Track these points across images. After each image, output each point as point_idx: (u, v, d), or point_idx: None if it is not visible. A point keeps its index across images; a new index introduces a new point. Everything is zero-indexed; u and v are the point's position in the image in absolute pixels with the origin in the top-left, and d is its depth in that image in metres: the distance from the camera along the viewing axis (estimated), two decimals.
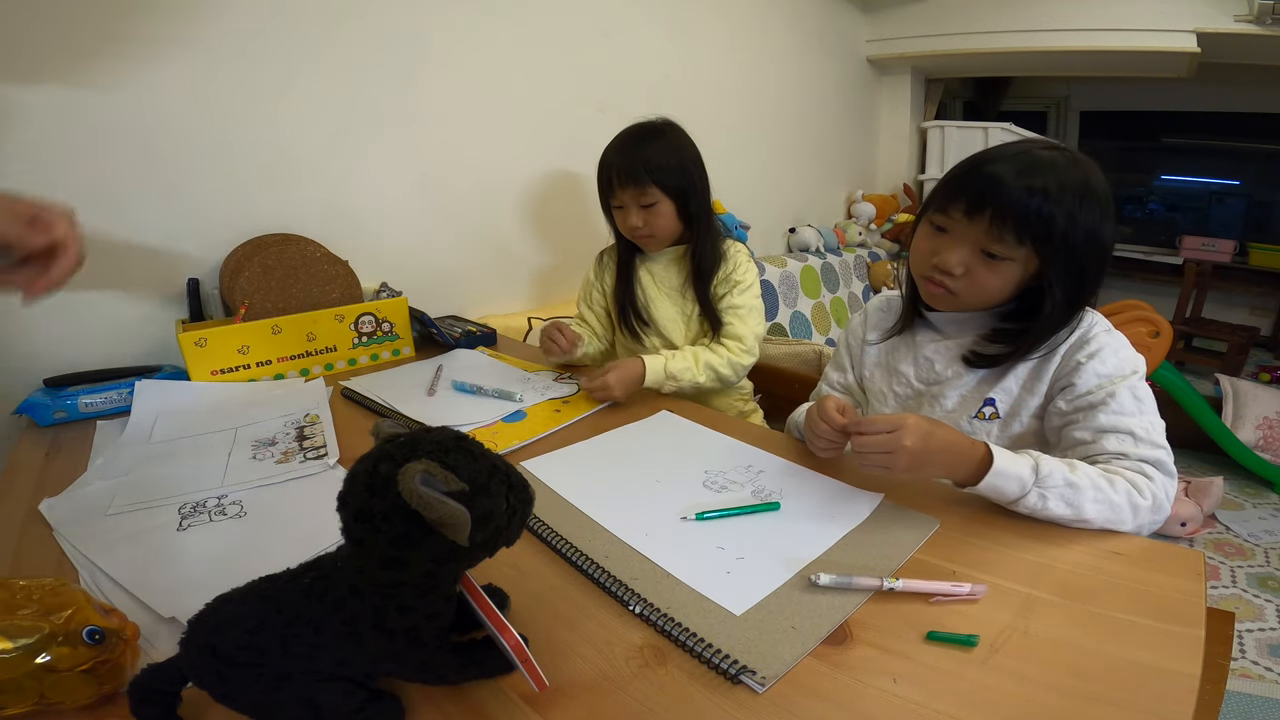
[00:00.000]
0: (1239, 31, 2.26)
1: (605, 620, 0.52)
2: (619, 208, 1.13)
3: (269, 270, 1.13)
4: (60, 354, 1.06)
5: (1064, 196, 0.65)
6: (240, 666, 0.38)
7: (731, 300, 1.14)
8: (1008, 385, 0.76)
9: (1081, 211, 0.66)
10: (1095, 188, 0.67)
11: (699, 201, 1.13)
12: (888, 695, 0.44)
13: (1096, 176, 0.68)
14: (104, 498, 0.72)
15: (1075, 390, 0.70)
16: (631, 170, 1.08)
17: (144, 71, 1.07)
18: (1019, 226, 0.66)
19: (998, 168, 0.68)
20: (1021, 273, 0.71)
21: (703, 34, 2.11)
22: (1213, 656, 0.46)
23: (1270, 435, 2.19)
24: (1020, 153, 0.69)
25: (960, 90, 4.05)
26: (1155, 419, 0.68)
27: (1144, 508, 0.62)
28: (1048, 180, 0.66)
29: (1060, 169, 0.67)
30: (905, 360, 0.85)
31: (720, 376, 1.10)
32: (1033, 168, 0.66)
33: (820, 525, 0.64)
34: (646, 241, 1.16)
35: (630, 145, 1.11)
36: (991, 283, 0.72)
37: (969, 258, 0.71)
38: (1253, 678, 1.38)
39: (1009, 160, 0.68)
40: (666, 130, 1.13)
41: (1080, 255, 0.68)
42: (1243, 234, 3.52)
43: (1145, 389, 0.69)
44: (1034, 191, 0.65)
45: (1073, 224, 0.66)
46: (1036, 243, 0.67)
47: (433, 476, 0.36)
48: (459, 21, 1.46)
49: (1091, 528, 0.62)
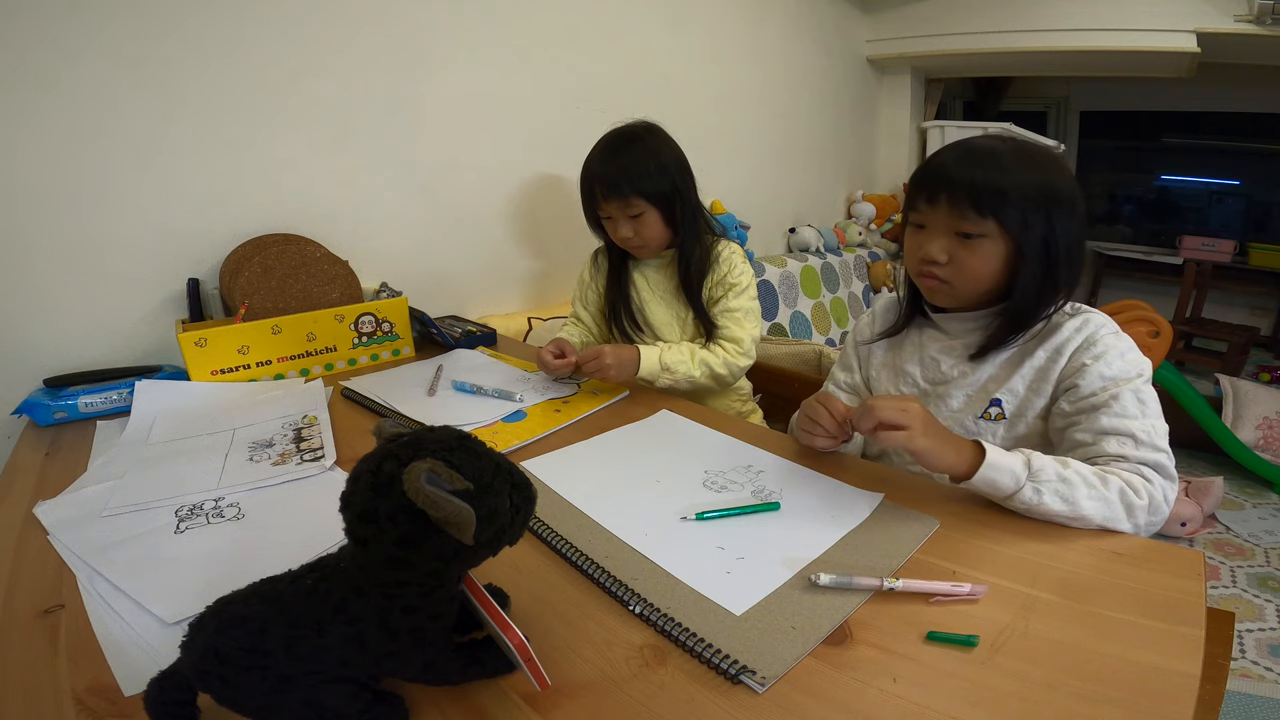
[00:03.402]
0: (1239, 31, 2.26)
1: (605, 620, 0.52)
2: (607, 219, 1.13)
3: (269, 270, 1.13)
4: (60, 354, 1.06)
5: (1008, 167, 0.71)
6: (244, 669, 0.38)
7: (728, 303, 1.14)
8: (1014, 386, 0.76)
9: (1031, 176, 0.70)
10: (1040, 157, 0.73)
11: (684, 205, 1.12)
12: (888, 695, 0.44)
13: (1043, 151, 0.74)
14: (100, 499, 0.72)
15: (1079, 391, 0.71)
16: (614, 182, 1.07)
17: (144, 71, 1.07)
18: (975, 200, 0.71)
19: (942, 157, 0.75)
20: (1001, 250, 0.72)
21: (702, 34, 2.11)
22: (1213, 656, 0.47)
23: (1270, 435, 2.19)
24: (961, 143, 0.75)
25: (960, 90, 4.06)
26: (1158, 423, 0.68)
27: (1140, 508, 0.62)
28: (988, 158, 0.72)
29: (1001, 153, 0.72)
30: (911, 360, 0.85)
31: (716, 376, 1.10)
32: (972, 151, 0.73)
33: (820, 525, 0.64)
34: (639, 250, 1.16)
35: (610, 156, 1.10)
36: (974, 263, 0.73)
37: (948, 244, 0.74)
38: (1253, 678, 1.38)
39: (952, 150, 0.75)
40: (645, 135, 1.11)
41: (1042, 219, 0.70)
42: (1243, 234, 3.52)
43: (1150, 392, 0.70)
44: (978, 166, 0.71)
45: (1023, 191, 0.69)
46: (995, 211, 0.70)
47: (438, 475, 0.36)
48: (459, 21, 1.47)
49: (1089, 526, 0.62)
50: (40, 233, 1.02)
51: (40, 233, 1.02)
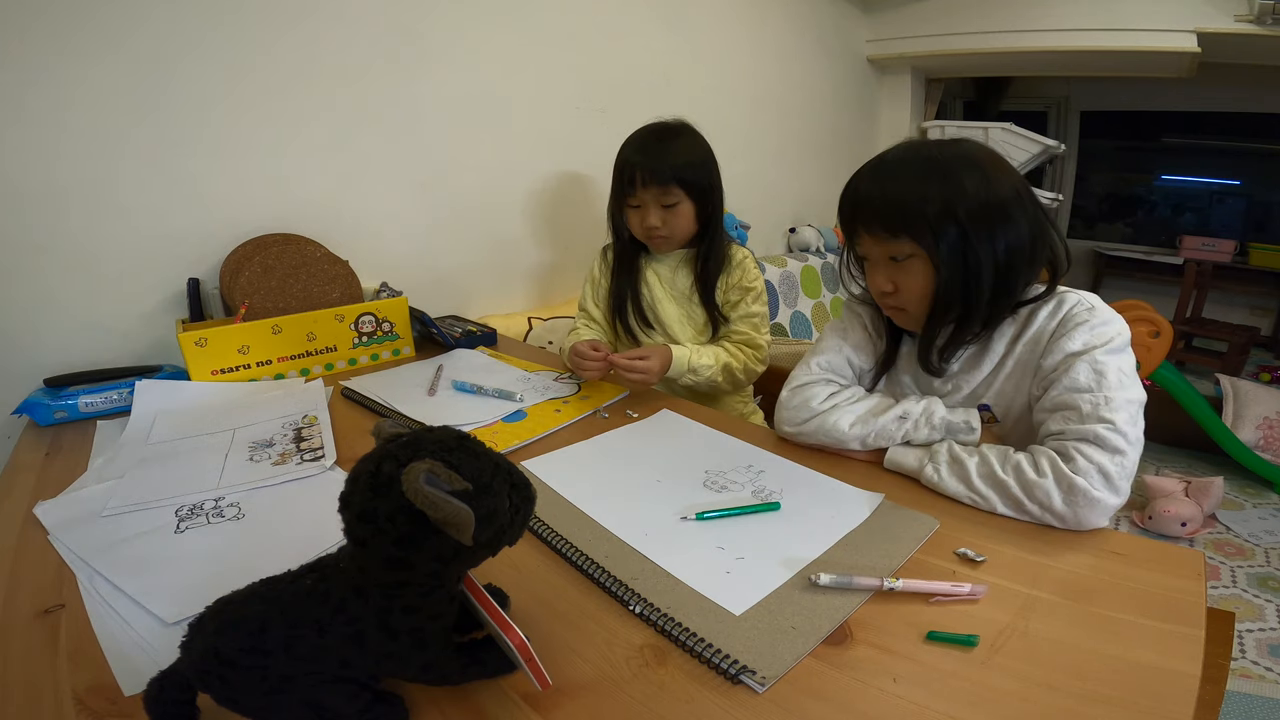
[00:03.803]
0: (1239, 31, 2.25)
1: (605, 620, 0.52)
2: (636, 207, 1.13)
3: (269, 270, 1.13)
4: (60, 354, 1.06)
5: (905, 179, 0.69)
6: (243, 669, 0.38)
7: (749, 308, 1.15)
8: (1001, 388, 0.76)
9: (935, 186, 0.67)
10: (949, 163, 0.68)
11: (716, 203, 1.14)
12: (888, 695, 0.44)
13: (960, 156, 0.69)
14: (100, 499, 0.72)
15: (1042, 370, 0.70)
16: (657, 169, 1.07)
17: (144, 71, 1.07)
18: (884, 221, 0.70)
19: (854, 180, 0.74)
20: (931, 266, 0.70)
21: (703, 34, 2.11)
22: (1213, 656, 0.46)
23: (1270, 435, 2.19)
24: (871, 162, 0.74)
25: (960, 90, 4.06)
26: (1117, 394, 0.63)
27: (1040, 486, 0.61)
28: (888, 173, 0.71)
29: (907, 161, 0.70)
30: (905, 370, 0.84)
31: (735, 380, 1.12)
32: (880, 168, 0.72)
33: (820, 525, 0.64)
34: (661, 242, 1.15)
35: (653, 143, 1.10)
36: (911, 284, 0.72)
37: (889, 272, 0.73)
38: (1253, 678, 1.38)
39: (863, 170, 0.74)
40: (686, 130, 1.13)
41: (953, 229, 0.67)
42: (1243, 234, 3.52)
43: (1115, 361, 0.66)
44: (882, 184, 0.70)
45: (924, 203, 0.67)
46: (906, 228, 0.69)
47: (437, 476, 0.36)
48: (459, 21, 1.46)
49: (995, 509, 0.64)
50: (40, 233, 1.02)
51: (40, 233, 1.02)
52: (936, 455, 0.70)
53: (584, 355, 1.01)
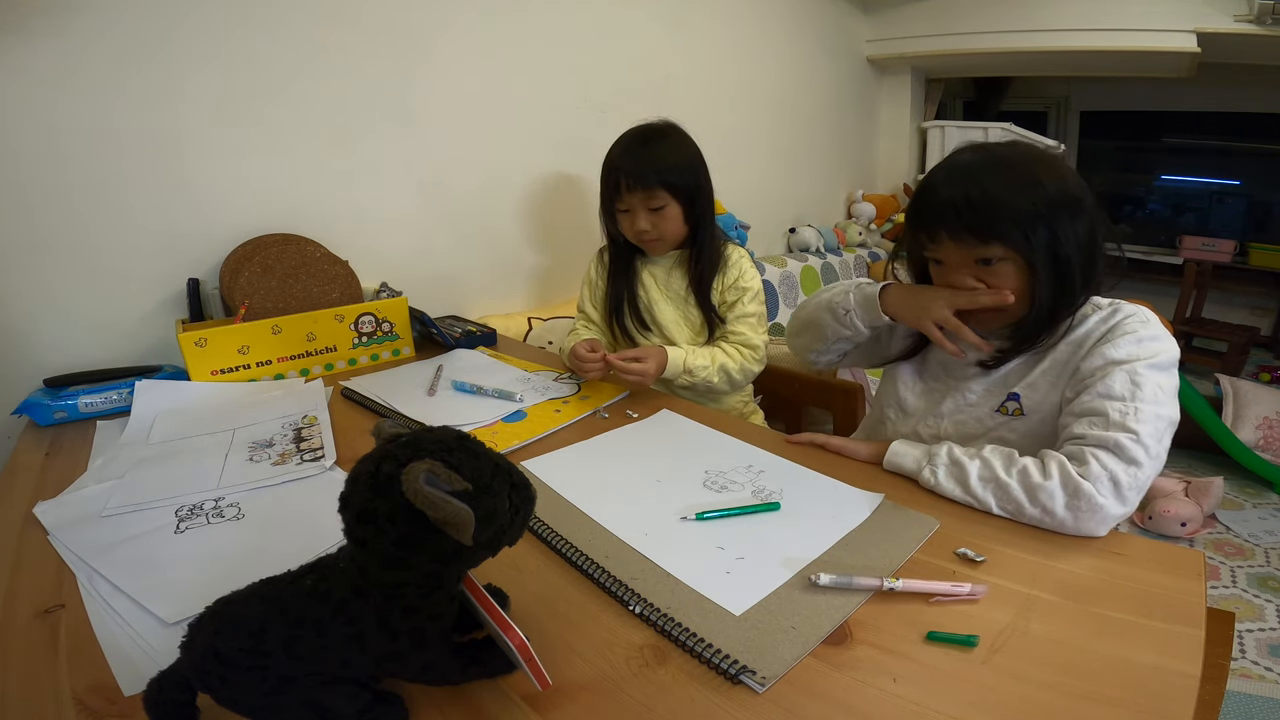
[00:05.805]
0: (1239, 31, 2.25)
1: (605, 620, 0.52)
2: (625, 212, 1.13)
3: (269, 270, 1.13)
4: (60, 354, 1.06)
5: (988, 183, 0.69)
6: (243, 669, 0.38)
7: (745, 309, 1.15)
8: (1034, 381, 0.75)
9: (1018, 187, 0.68)
10: (1021, 163, 0.70)
11: (705, 203, 1.13)
12: (888, 695, 0.44)
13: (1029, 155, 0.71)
14: (100, 500, 0.72)
15: (1079, 374, 0.69)
16: (640, 173, 1.07)
17: (144, 71, 1.07)
18: (969, 226, 0.69)
19: (931, 189, 0.74)
20: (1022, 267, 0.70)
21: (703, 34, 2.11)
22: (1213, 656, 0.46)
23: (1270, 435, 2.19)
24: (943, 167, 0.74)
25: (960, 90, 4.05)
26: (1150, 407, 0.63)
27: (1045, 490, 0.60)
28: (968, 177, 0.70)
29: (982, 165, 0.71)
30: (932, 352, 0.84)
31: (732, 381, 1.12)
32: (953, 172, 0.72)
33: (820, 525, 0.64)
34: (653, 245, 1.15)
35: (637, 147, 1.10)
36: (1006, 287, 0.71)
37: (976, 275, 0.73)
38: (1253, 678, 1.38)
39: (937, 175, 0.74)
40: (671, 132, 1.13)
41: (1043, 224, 0.68)
42: (1243, 234, 3.52)
43: (1155, 376, 0.65)
44: (958, 189, 0.69)
45: (1014, 204, 0.67)
46: (996, 232, 0.69)
47: (436, 476, 0.36)
48: (459, 21, 1.46)
49: (991, 510, 0.64)
50: (41, 233, 1.02)
51: (41, 233, 1.02)
52: (935, 457, 0.69)
53: (581, 357, 1.02)
